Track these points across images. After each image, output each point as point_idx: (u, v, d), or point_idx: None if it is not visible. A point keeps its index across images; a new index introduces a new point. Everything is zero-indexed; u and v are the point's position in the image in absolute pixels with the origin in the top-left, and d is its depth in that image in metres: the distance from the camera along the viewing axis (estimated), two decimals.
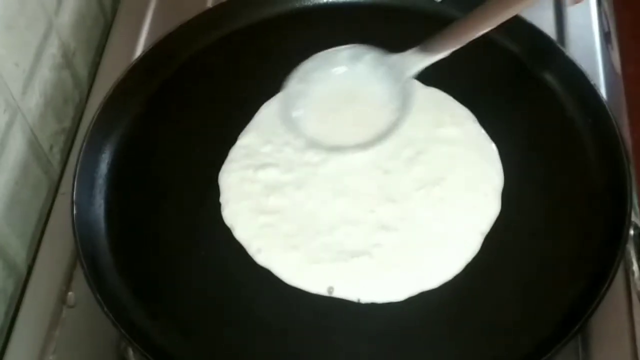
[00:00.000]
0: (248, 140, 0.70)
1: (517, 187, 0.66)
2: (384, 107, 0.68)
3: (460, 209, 0.65)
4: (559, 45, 0.73)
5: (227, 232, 0.65)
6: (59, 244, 0.69)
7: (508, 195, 0.66)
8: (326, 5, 0.80)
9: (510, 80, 0.73)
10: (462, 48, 0.74)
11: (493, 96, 0.72)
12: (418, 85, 0.73)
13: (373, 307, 0.61)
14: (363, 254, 0.63)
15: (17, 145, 0.70)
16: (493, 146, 0.69)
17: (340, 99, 0.69)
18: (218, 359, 0.60)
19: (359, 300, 0.61)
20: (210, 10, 0.78)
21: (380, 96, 0.68)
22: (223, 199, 0.67)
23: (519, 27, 0.74)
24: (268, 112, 0.72)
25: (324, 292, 0.62)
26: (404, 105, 0.67)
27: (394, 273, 0.62)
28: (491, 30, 0.65)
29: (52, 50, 0.77)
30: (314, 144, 0.67)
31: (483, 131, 0.70)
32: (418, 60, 0.67)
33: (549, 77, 0.72)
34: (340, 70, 0.70)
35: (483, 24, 0.65)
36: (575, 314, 0.58)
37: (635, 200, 0.65)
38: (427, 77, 0.72)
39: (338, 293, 0.61)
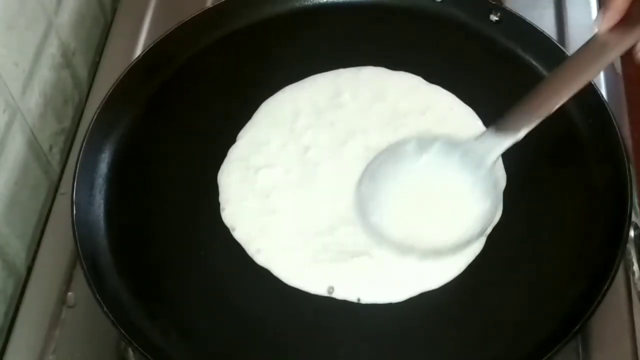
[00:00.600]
0: (248, 140, 0.70)
1: (517, 187, 0.66)
2: (466, 198, 0.63)
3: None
4: (559, 45, 0.73)
5: (226, 232, 0.65)
6: (58, 244, 0.69)
7: (509, 195, 0.66)
8: (326, 5, 0.79)
9: (511, 80, 0.73)
10: (464, 49, 0.74)
11: (494, 96, 0.72)
12: (421, 82, 0.73)
13: (373, 307, 0.61)
14: (363, 254, 0.63)
15: (16, 146, 0.70)
16: None
17: (416, 194, 0.64)
18: (218, 359, 0.60)
19: (359, 300, 0.61)
20: (209, 10, 0.78)
21: (459, 186, 0.63)
22: (222, 198, 0.67)
23: (519, 28, 0.74)
24: (268, 112, 0.72)
25: (324, 292, 0.62)
26: (493, 192, 0.62)
27: (395, 274, 0.62)
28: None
29: (52, 50, 0.77)
30: (404, 250, 0.62)
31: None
32: (496, 143, 0.62)
33: None
34: (409, 163, 0.65)
35: (560, 94, 0.60)
36: (576, 314, 0.58)
37: (635, 200, 0.65)
38: (431, 75, 0.73)
39: (338, 294, 0.61)
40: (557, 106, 0.60)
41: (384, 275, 0.62)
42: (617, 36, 0.58)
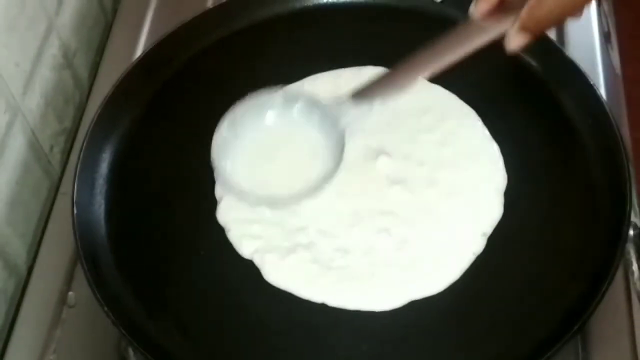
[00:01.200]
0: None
1: (517, 187, 0.66)
2: (317, 155, 0.65)
3: (462, 211, 0.65)
4: (558, 45, 0.73)
5: (225, 233, 0.65)
6: (59, 244, 0.69)
7: (509, 196, 0.66)
8: (326, 5, 0.80)
9: (511, 80, 0.73)
10: None
11: (494, 96, 0.72)
12: (421, 82, 0.72)
13: (372, 311, 0.61)
14: (363, 257, 0.63)
15: (17, 146, 0.70)
16: (495, 146, 0.69)
17: (272, 146, 0.66)
18: (218, 358, 0.60)
19: (357, 304, 0.61)
20: (210, 10, 0.78)
21: (313, 144, 0.65)
22: (220, 197, 0.67)
23: None
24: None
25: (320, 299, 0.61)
26: (336, 155, 0.64)
27: (396, 277, 0.62)
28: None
29: (53, 50, 0.77)
30: (242, 196, 0.63)
31: (486, 131, 0.70)
32: (352, 109, 0.64)
33: (548, 77, 0.72)
34: (272, 115, 0.66)
35: (415, 72, 0.63)
36: (575, 314, 0.58)
37: (635, 200, 0.65)
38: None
39: (336, 299, 0.61)
40: (413, 82, 0.63)
41: (386, 279, 0.62)
42: (490, 23, 0.61)
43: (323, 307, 0.61)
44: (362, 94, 0.64)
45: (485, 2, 0.61)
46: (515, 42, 0.60)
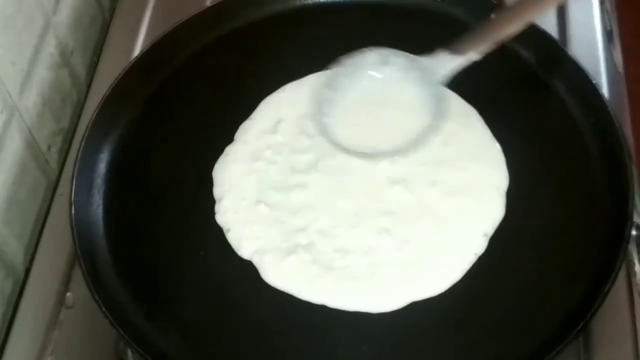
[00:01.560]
0: (247, 140, 0.70)
1: (519, 187, 0.66)
2: (416, 111, 0.67)
3: (463, 211, 0.65)
4: (560, 44, 0.72)
5: (224, 233, 0.65)
6: (57, 245, 0.69)
7: (511, 196, 0.66)
8: (326, 5, 0.79)
9: (513, 79, 0.73)
10: None
11: (496, 95, 0.72)
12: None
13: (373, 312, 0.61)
14: (363, 258, 0.62)
15: (14, 146, 0.70)
16: (497, 146, 0.69)
17: (370, 104, 0.68)
18: (217, 359, 0.60)
19: (357, 305, 0.61)
20: (209, 9, 0.78)
21: (412, 100, 0.68)
22: (219, 198, 0.66)
23: None
24: (267, 110, 0.72)
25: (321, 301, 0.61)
26: (437, 110, 0.66)
27: (397, 278, 0.62)
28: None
29: (50, 49, 0.77)
30: (345, 151, 0.66)
31: (488, 131, 0.69)
32: (448, 62, 0.67)
33: (550, 76, 0.72)
34: (368, 74, 0.69)
35: (511, 25, 0.66)
36: (577, 315, 0.58)
37: (637, 200, 0.65)
38: None
39: (336, 299, 0.61)
40: (505, 37, 0.66)
41: (386, 280, 0.61)
42: None
43: (323, 307, 0.61)
44: (459, 47, 0.67)
45: None
46: None
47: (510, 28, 0.66)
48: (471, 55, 0.66)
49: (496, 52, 0.73)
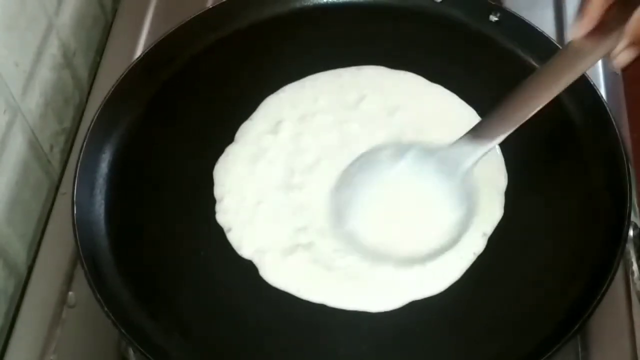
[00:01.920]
0: (248, 140, 0.70)
1: (518, 187, 0.66)
2: (441, 205, 0.63)
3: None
4: (558, 45, 0.73)
5: (225, 233, 0.65)
6: (59, 244, 0.69)
7: (510, 196, 0.66)
8: (326, 5, 0.79)
9: (511, 80, 0.73)
10: (467, 50, 0.74)
11: (495, 96, 0.72)
12: (421, 82, 0.72)
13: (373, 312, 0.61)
14: (364, 259, 0.62)
15: (17, 146, 0.70)
16: (497, 146, 0.69)
17: (392, 202, 0.64)
18: (218, 358, 0.60)
19: (357, 305, 0.61)
20: (210, 10, 0.78)
21: (436, 193, 0.63)
22: (220, 198, 0.67)
23: (518, 28, 0.74)
24: (268, 111, 0.72)
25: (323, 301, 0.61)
26: (468, 200, 0.63)
27: (396, 278, 0.62)
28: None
29: (53, 50, 0.77)
30: (379, 258, 0.62)
31: None
32: (471, 150, 0.62)
33: None
34: (387, 169, 0.65)
35: (535, 101, 0.60)
36: (575, 314, 0.58)
37: (634, 200, 0.65)
38: (431, 75, 0.72)
39: (336, 299, 0.61)
40: (533, 113, 0.60)
41: (384, 282, 0.62)
42: (592, 44, 0.58)
43: (323, 307, 0.61)
44: (480, 132, 0.62)
45: (584, 23, 0.57)
46: (623, 58, 0.57)
47: (535, 106, 0.60)
48: (496, 141, 0.61)
49: (496, 54, 0.74)
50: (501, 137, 0.61)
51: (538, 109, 0.60)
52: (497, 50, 0.75)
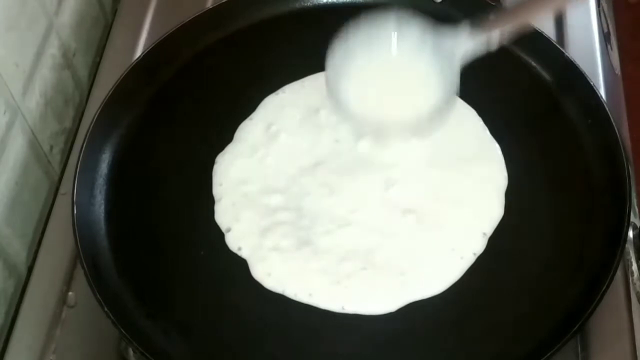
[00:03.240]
0: (247, 140, 0.70)
1: (518, 187, 0.66)
2: (428, 86, 0.66)
3: (463, 210, 0.65)
4: (558, 45, 0.73)
5: (224, 233, 0.65)
6: (59, 244, 0.69)
7: (510, 196, 0.66)
8: (326, 5, 0.80)
9: (511, 80, 0.73)
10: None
11: (495, 96, 0.72)
12: None
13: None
14: (364, 259, 0.63)
15: (17, 146, 0.70)
16: (496, 146, 0.69)
17: (383, 73, 0.67)
18: (217, 358, 0.60)
19: (357, 306, 0.61)
20: (210, 10, 0.78)
21: (424, 72, 0.66)
22: (219, 197, 0.67)
23: None
24: (268, 111, 0.72)
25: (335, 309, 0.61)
26: (447, 87, 0.65)
27: (396, 279, 0.62)
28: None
29: (53, 50, 0.77)
30: (352, 121, 0.65)
31: (487, 131, 0.70)
32: (467, 41, 0.65)
33: (548, 78, 0.72)
34: (384, 41, 0.67)
35: (528, 12, 0.64)
36: (575, 314, 0.58)
37: (634, 201, 0.65)
38: None
39: (336, 300, 0.61)
40: (530, 21, 0.65)
41: (384, 282, 0.62)
42: None
43: (322, 309, 0.61)
44: (480, 26, 0.65)
45: None
46: None
47: (526, 16, 0.64)
48: (492, 36, 0.64)
49: (495, 54, 0.74)
50: (495, 33, 0.64)
51: (536, 17, 0.64)
52: (499, 51, 0.74)
